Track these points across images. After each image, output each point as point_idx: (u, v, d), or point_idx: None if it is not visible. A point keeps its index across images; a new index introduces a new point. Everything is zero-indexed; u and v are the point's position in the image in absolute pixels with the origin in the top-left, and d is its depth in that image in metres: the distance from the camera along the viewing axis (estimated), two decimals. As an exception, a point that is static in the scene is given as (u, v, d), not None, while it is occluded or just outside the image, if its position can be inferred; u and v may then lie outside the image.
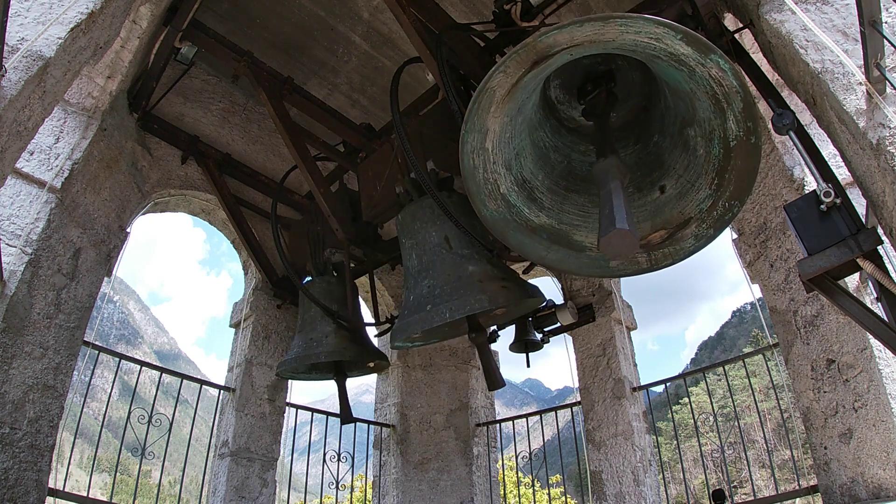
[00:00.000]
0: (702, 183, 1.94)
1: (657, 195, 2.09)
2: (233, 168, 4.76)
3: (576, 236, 2.14)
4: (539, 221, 2.10)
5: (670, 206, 2.05)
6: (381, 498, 5.19)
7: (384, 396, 5.77)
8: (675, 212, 2.04)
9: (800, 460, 4.29)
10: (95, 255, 3.46)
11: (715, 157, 1.87)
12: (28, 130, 1.92)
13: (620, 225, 1.39)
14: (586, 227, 2.14)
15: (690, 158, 1.97)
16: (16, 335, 2.77)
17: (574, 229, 2.13)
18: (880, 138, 1.61)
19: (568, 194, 2.19)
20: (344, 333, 3.68)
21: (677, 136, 2.04)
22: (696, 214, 1.98)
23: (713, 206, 1.93)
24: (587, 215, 2.15)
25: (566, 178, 2.23)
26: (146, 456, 3.83)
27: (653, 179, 2.14)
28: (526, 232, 2.09)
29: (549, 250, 2.12)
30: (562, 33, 1.54)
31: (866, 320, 1.71)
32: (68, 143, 3.21)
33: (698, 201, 1.97)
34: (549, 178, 2.17)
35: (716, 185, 1.90)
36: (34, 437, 2.82)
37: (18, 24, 1.86)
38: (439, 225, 2.82)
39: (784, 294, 3.26)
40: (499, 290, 2.52)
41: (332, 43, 4.72)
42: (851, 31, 1.85)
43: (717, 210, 1.93)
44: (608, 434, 4.43)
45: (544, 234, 2.10)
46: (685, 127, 1.98)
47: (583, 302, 4.95)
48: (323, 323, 3.75)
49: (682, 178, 2.01)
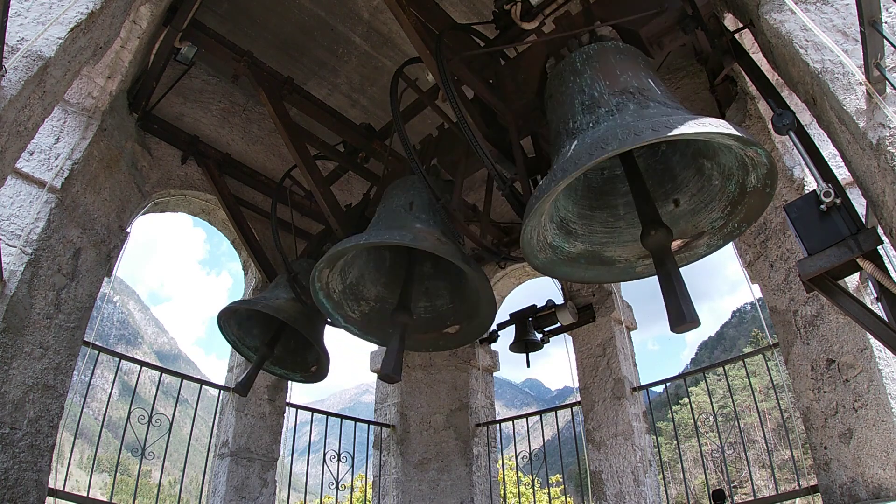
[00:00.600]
0: (715, 206, 2.09)
1: (672, 207, 2.20)
2: (233, 168, 4.76)
3: (606, 253, 2.31)
4: (577, 251, 2.28)
5: (685, 220, 2.17)
6: (381, 498, 5.19)
7: (384, 396, 5.77)
8: (689, 225, 2.17)
9: (800, 460, 4.29)
10: (95, 255, 3.46)
11: (730, 192, 2.02)
12: (28, 130, 1.93)
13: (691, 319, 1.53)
14: (613, 242, 2.30)
15: (705, 184, 2.11)
16: (16, 335, 2.77)
17: (604, 248, 2.30)
18: (880, 138, 1.61)
19: (593, 213, 2.32)
20: (298, 306, 3.58)
21: (690, 159, 2.16)
22: (708, 229, 2.13)
23: (724, 225, 2.09)
24: (612, 230, 2.31)
25: (588, 197, 2.33)
26: (146, 456, 3.83)
27: (666, 191, 2.23)
28: (568, 263, 2.28)
29: (588, 271, 2.31)
30: None
31: (866, 320, 1.71)
32: (68, 143, 3.21)
33: (711, 220, 2.12)
34: (577, 204, 2.29)
35: (728, 211, 2.06)
36: (34, 437, 2.82)
37: (18, 24, 1.86)
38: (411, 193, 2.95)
39: (784, 294, 3.26)
40: (434, 242, 2.52)
41: (332, 43, 4.72)
42: (851, 31, 1.85)
43: (728, 227, 2.09)
44: (608, 434, 4.43)
45: (583, 260, 2.29)
46: (700, 157, 2.10)
47: (583, 302, 4.95)
48: (282, 290, 3.72)
49: (696, 197, 2.15)
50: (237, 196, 4.77)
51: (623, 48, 2.26)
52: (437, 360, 5.65)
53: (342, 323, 2.95)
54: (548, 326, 4.92)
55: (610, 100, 1.98)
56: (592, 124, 1.94)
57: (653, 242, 1.75)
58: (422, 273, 3.09)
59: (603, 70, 2.13)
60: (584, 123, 1.98)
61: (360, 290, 2.99)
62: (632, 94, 1.98)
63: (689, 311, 1.55)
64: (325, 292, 2.79)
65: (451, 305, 3.05)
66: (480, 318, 2.89)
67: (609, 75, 2.10)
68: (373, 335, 3.01)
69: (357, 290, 2.98)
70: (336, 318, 2.91)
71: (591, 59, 2.21)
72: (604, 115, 1.94)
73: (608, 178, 2.35)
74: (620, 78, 2.07)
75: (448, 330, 3.01)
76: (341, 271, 2.85)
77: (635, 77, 2.08)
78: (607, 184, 2.35)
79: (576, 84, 2.16)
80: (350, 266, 2.90)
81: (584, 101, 2.06)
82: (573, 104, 2.10)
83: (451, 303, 3.05)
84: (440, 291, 3.10)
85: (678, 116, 1.67)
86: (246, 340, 3.84)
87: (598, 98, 2.03)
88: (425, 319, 3.05)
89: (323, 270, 2.70)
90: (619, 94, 1.99)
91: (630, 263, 2.29)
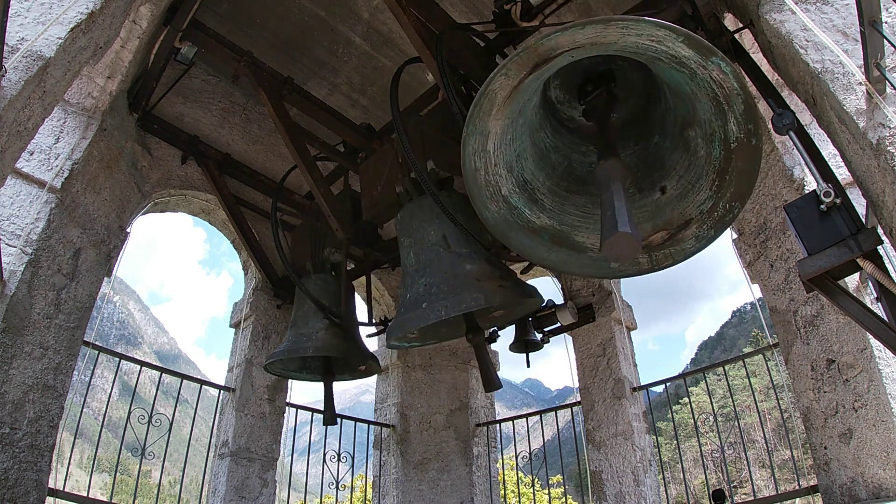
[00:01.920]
0: (702, 184, 1.95)
1: (658, 196, 2.09)
2: (233, 168, 4.76)
3: (577, 237, 2.15)
4: (540, 223, 2.11)
5: (671, 207, 2.06)
6: (381, 498, 5.19)
7: (384, 396, 5.77)
8: (675, 213, 2.05)
9: (800, 460, 4.29)
10: (95, 255, 3.46)
11: (715, 158, 1.88)
12: (28, 130, 1.92)
13: (623, 228, 1.41)
14: (588, 228, 2.15)
15: (691, 159, 1.98)
16: (16, 335, 2.77)
17: (575, 230, 2.15)
18: (880, 138, 1.61)
19: (569, 195, 2.20)
20: (336, 331, 3.64)
21: (678, 137, 2.05)
22: (696, 216, 2.00)
23: (714, 208, 1.95)
24: (588, 216, 2.16)
25: (567, 179, 2.23)
26: (146, 456, 3.83)
27: (653, 180, 2.14)
28: (527, 233, 2.10)
29: (551, 251, 2.13)
30: (563, 36, 1.54)
31: (866, 320, 1.71)
32: (68, 143, 3.21)
33: (699, 202, 1.98)
34: (550, 179, 2.18)
35: (716, 187, 1.91)
36: (34, 437, 2.82)
37: (18, 24, 1.86)
38: (438, 224, 2.81)
39: (784, 294, 3.26)
40: (496, 289, 2.50)
41: (332, 43, 4.72)
42: (851, 31, 1.85)
43: (718, 211, 1.94)
44: (608, 434, 4.43)
45: (546, 236, 2.12)
46: (686, 128, 1.99)
47: (583, 302, 4.95)
48: (315, 319, 3.72)
49: (683, 178, 2.01)
50: (237, 196, 4.77)
51: None
52: (437, 360, 5.65)
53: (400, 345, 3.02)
54: (548, 326, 4.91)
55: None
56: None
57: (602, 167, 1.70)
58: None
59: None
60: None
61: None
62: None
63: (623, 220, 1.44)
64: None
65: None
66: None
67: None
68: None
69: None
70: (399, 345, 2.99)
71: None
72: None
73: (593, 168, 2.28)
74: None
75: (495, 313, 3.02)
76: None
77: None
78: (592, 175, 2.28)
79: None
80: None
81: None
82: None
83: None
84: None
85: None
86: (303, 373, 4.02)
87: None
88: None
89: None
90: None
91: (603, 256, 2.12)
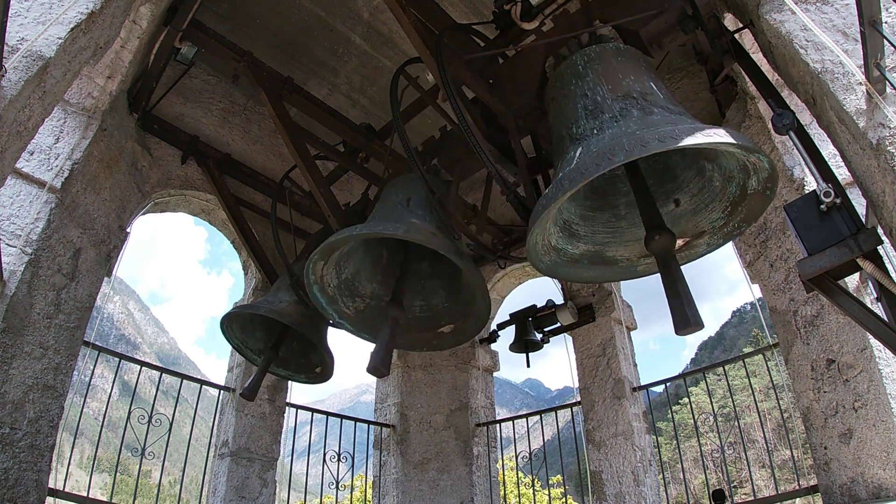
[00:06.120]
0: (715, 206, 2.10)
1: (672, 207, 2.21)
2: (233, 168, 4.76)
3: (608, 253, 2.32)
4: (579, 252, 2.29)
5: (685, 220, 2.18)
6: (381, 498, 5.19)
7: (384, 396, 5.77)
8: (690, 224, 2.17)
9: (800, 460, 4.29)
10: (95, 256, 3.46)
11: (731, 194, 2.02)
12: (28, 130, 1.92)
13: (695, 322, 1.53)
14: (615, 242, 2.32)
15: (705, 184, 2.12)
16: (16, 335, 2.77)
17: (606, 247, 2.31)
18: (880, 138, 1.61)
19: (595, 214, 2.32)
20: (302, 310, 3.57)
21: (691, 160, 2.16)
22: (709, 229, 2.14)
23: (725, 225, 2.10)
24: (614, 230, 2.31)
25: (589, 198, 2.33)
26: (146, 456, 3.83)
27: (666, 191, 2.23)
28: (571, 264, 2.29)
29: (590, 270, 2.33)
30: None
31: (866, 320, 1.71)
32: (68, 143, 3.21)
33: (711, 220, 2.12)
34: (579, 206, 2.29)
35: (728, 212, 2.07)
36: (34, 437, 2.82)
37: (18, 24, 1.86)
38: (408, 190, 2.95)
39: (784, 294, 3.26)
40: (427, 235, 2.49)
41: (332, 43, 4.72)
42: (851, 31, 1.85)
43: (728, 227, 2.10)
44: (608, 434, 4.43)
45: (585, 261, 2.30)
46: (701, 159, 2.11)
47: (583, 302, 4.95)
48: (286, 293, 3.69)
49: (697, 197, 2.15)
50: (237, 196, 4.77)
51: (624, 50, 2.25)
52: (437, 360, 5.65)
53: (336, 319, 2.92)
54: (548, 326, 4.92)
55: (613, 105, 1.97)
56: (597, 130, 1.93)
57: (657, 247, 1.75)
58: (419, 271, 3.08)
59: (605, 73, 2.13)
60: (587, 129, 1.97)
61: (356, 286, 2.96)
62: (635, 98, 1.97)
63: (692, 314, 1.56)
64: (319, 286, 2.76)
65: (447, 304, 3.03)
66: (475, 315, 2.85)
67: (611, 79, 2.09)
68: (367, 332, 2.98)
69: (352, 286, 2.95)
70: (330, 314, 2.88)
71: (592, 62, 2.20)
72: (608, 121, 1.93)
73: (609, 178, 2.35)
74: (623, 82, 2.07)
75: (443, 329, 2.99)
76: (336, 266, 2.82)
77: (637, 80, 2.07)
78: (608, 183, 2.35)
79: (578, 87, 2.15)
80: (346, 261, 2.87)
81: (587, 106, 2.05)
82: (576, 108, 2.09)
83: (447, 302, 3.03)
84: (436, 290, 3.07)
85: (683, 126, 1.66)
86: (249, 343, 3.82)
87: (601, 103, 2.02)
88: (421, 318, 3.03)
89: (317, 263, 2.66)
90: (622, 100, 1.98)
91: (632, 262, 2.31)
